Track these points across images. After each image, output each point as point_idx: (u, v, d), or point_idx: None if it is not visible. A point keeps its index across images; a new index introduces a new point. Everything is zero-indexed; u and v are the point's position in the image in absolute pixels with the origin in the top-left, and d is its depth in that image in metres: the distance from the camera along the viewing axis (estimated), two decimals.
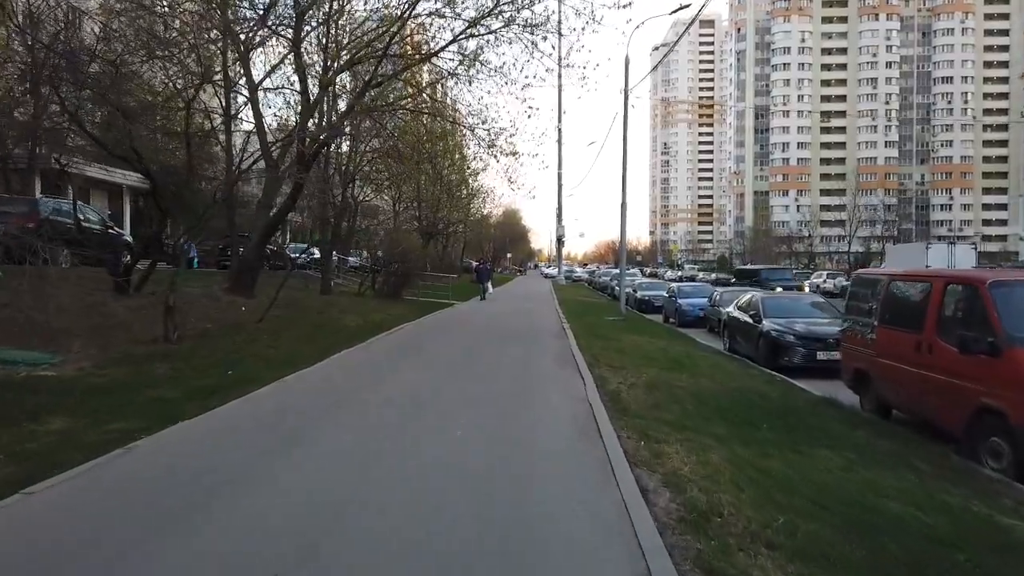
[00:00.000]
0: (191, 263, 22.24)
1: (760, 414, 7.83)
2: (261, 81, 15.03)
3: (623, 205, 23.30)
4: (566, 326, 16.02)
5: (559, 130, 51.44)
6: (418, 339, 12.99)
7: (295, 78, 15.17)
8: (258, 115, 14.88)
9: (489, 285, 27.72)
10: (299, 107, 14.35)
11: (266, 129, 15.19)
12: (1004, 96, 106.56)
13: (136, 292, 12.70)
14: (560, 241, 53.76)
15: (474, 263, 40.26)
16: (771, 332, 12.61)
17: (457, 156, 29.15)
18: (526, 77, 15.41)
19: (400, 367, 9.36)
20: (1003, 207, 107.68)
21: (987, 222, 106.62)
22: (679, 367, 10.74)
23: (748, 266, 54.44)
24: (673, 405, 7.57)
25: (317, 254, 31.78)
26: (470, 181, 40.69)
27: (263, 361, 8.73)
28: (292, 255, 29.55)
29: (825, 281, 41.63)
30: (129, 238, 18.47)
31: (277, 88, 14.86)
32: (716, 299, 19.65)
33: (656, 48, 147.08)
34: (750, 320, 13.70)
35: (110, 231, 17.56)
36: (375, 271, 23.19)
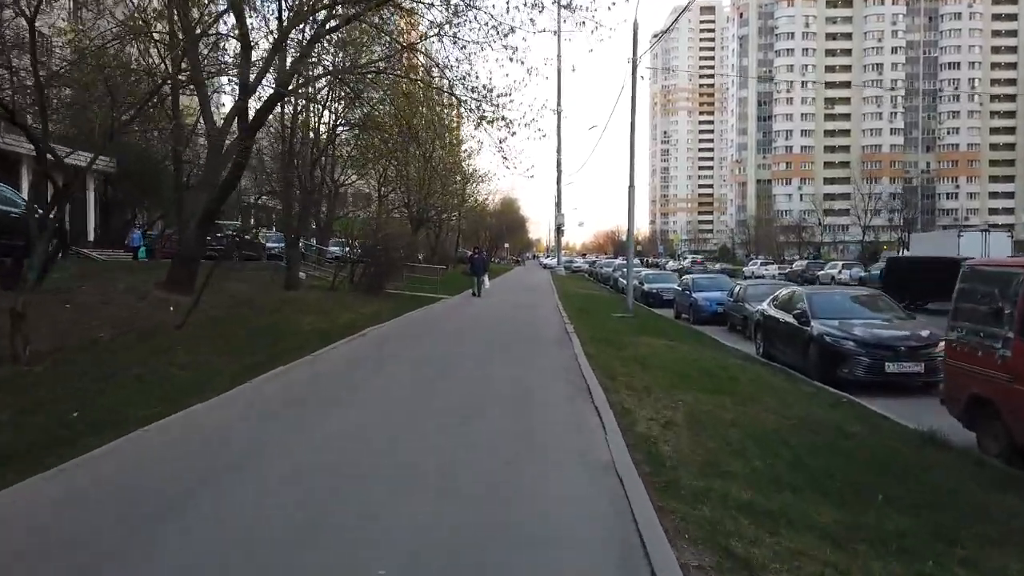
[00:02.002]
0: (137, 252, 19.72)
1: (859, 470, 5.38)
2: (202, 33, 12.42)
3: (631, 187, 20.80)
4: (569, 327, 13.50)
5: (558, 113, 48.85)
6: (384, 350, 10.33)
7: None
8: (197, 72, 12.32)
9: (485, 279, 24.10)
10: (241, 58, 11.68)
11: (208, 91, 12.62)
12: (1012, 82, 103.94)
13: (39, 286, 10.16)
14: (559, 230, 51.43)
15: (468, 252, 36.07)
16: (824, 337, 10.13)
17: (448, 137, 26.59)
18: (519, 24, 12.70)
19: (340, 402, 6.73)
20: (1010, 195, 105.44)
21: (994, 211, 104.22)
22: (717, 386, 8.27)
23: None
24: (735, 461, 5.09)
25: None
26: (465, 166, 38.12)
27: (151, 388, 6.22)
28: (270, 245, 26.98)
29: (840, 272, 39.15)
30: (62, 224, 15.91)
31: (219, 35, 12.17)
32: (739, 294, 17.21)
33: (656, 36, 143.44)
34: (794, 321, 11.21)
35: (38, 216, 15.00)
36: (354, 261, 20.61)
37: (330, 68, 14.38)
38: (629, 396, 6.99)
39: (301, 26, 12.66)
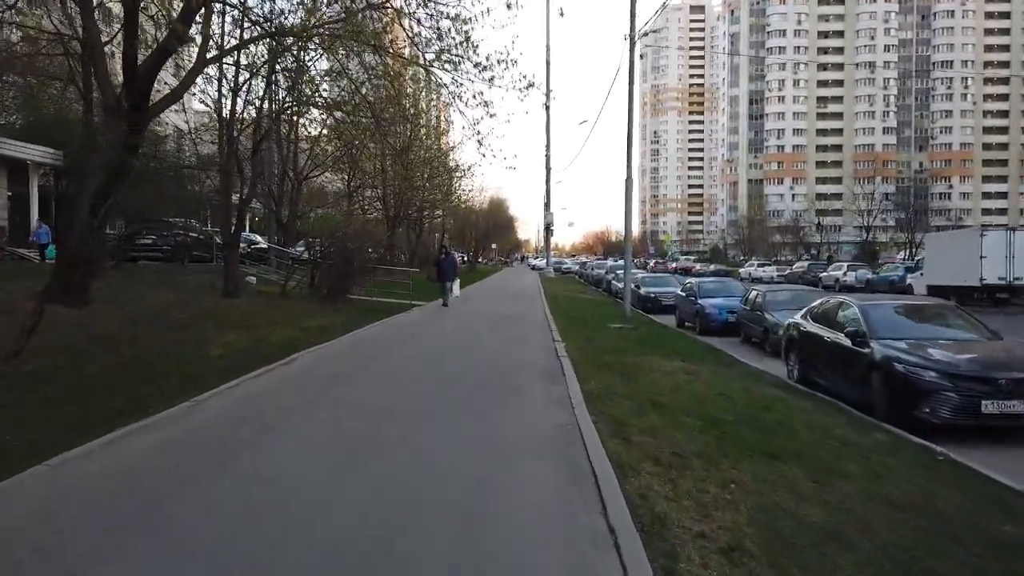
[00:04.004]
0: (44, 251, 17.06)
1: None
2: None
3: (628, 179, 18.38)
4: (560, 348, 10.93)
5: (547, 108, 46.42)
6: (300, 390, 7.33)
7: None
8: (95, 33, 9.76)
9: (455, 286, 20.46)
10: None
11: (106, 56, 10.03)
12: (1005, 81, 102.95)
13: None
14: (548, 230, 49.11)
15: (439, 250, 31.27)
16: (894, 365, 7.61)
17: (422, 120, 24.06)
18: None
19: (167, 516, 3.74)
20: (1003, 195, 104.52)
21: (987, 211, 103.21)
22: (772, 443, 5.78)
23: None
24: None
25: (262, 243, 26.57)
26: (448, 160, 35.57)
27: None
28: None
29: (846, 274, 36.92)
30: None
31: None
32: (756, 301, 14.83)
33: (644, 34, 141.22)
34: (846, 342, 8.72)
35: None
36: (312, 263, 18.01)
37: (270, 28, 11.82)
38: (657, 479, 4.47)
39: None
